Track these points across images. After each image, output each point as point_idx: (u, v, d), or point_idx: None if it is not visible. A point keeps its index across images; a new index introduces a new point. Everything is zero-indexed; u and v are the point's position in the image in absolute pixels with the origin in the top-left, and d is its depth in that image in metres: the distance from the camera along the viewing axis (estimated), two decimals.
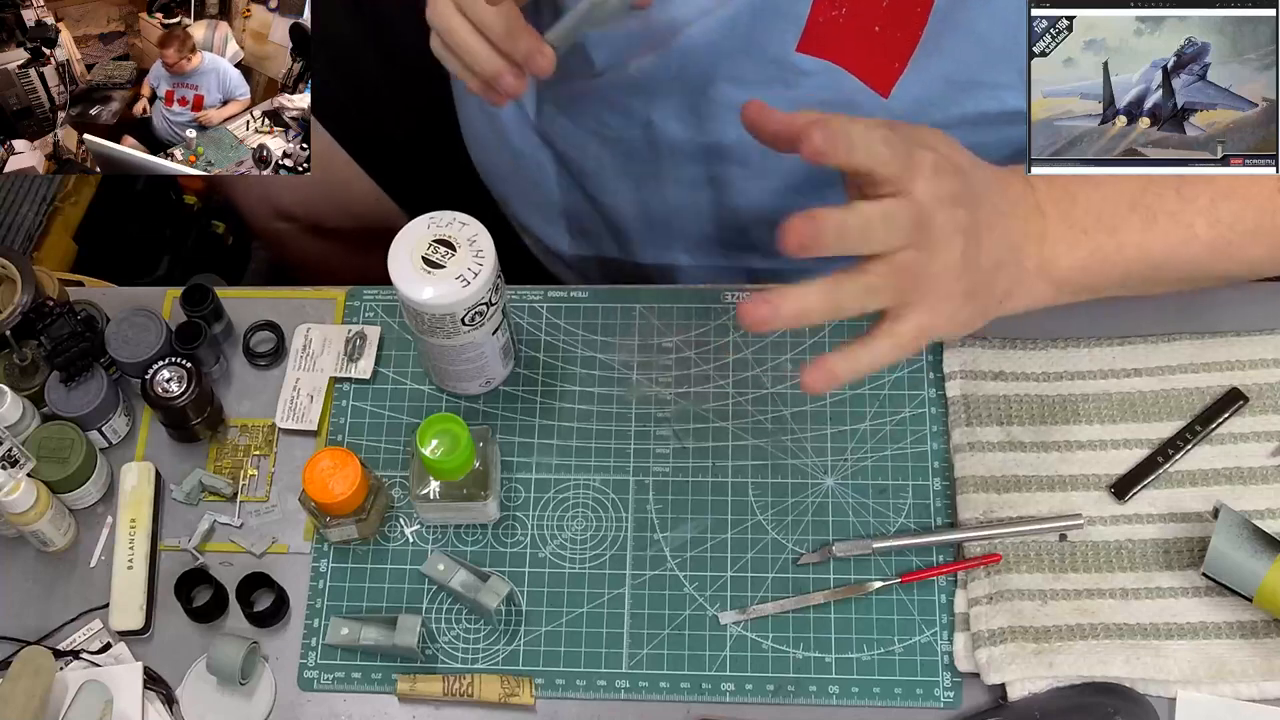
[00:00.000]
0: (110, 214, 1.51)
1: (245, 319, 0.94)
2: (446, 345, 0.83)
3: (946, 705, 0.80)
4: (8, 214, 1.41)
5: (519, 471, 0.88)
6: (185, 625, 0.84)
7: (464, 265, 0.79)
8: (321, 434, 0.90)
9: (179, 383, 0.86)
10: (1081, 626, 0.79)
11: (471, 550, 0.86)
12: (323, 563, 0.86)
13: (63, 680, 0.80)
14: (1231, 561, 0.76)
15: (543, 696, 0.81)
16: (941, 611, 0.82)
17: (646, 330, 0.92)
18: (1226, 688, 0.77)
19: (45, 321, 0.86)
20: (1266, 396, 0.85)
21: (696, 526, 0.86)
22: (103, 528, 0.88)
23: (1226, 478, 0.83)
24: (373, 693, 0.82)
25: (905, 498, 0.85)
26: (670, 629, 0.83)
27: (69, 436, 0.86)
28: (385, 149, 1.17)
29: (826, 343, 0.90)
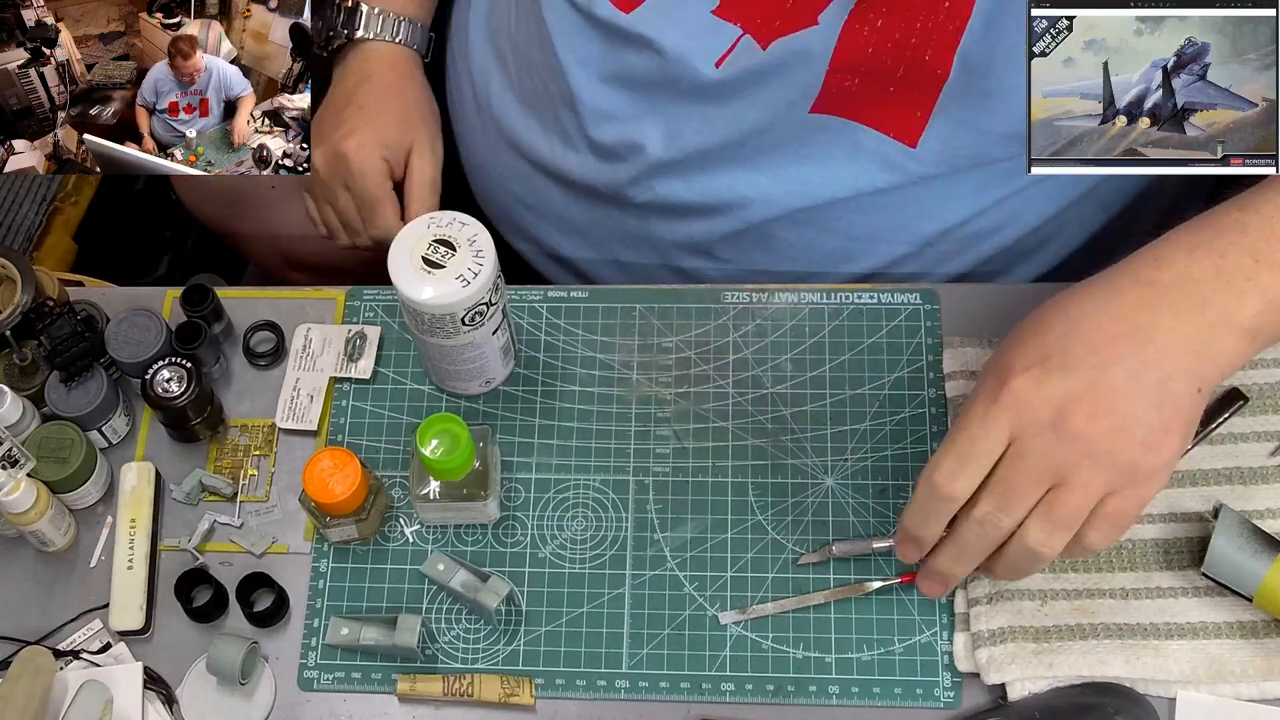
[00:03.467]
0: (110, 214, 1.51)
1: (245, 319, 0.94)
2: (446, 345, 0.83)
3: (946, 705, 0.79)
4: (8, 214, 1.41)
5: (519, 471, 0.88)
6: (185, 625, 0.84)
7: (464, 265, 0.79)
8: (321, 434, 0.90)
9: (179, 383, 0.86)
10: (1081, 626, 0.79)
11: (471, 550, 0.86)
12: (323, 563, 0.86)
13: (63, 680, 0.80)
14: (1232, 562, 0.76)
15: (543, 696, 0.81)
16: (941, 611, 0.82)
17: (646, 330, 0.92)
18: (1226, 688, 0.77)
19: (45, 321, 0.86)
20: (1266, 396, 0.85)
21: (696, 526, 0.86)
22: (103, 528, 0.88)
23: (1226, 478, 0.83)
24: (373, 693, 0.82)
25: (905, 498, 0.85)
26: (670, 629, 0.83)
27: (69, 436, 0.86)
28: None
29: (827, 342, 0.90)
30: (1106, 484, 0.69)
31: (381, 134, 0.96)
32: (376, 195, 0.98)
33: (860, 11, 0.80)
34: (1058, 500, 0.69)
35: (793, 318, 0.91)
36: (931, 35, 0.79)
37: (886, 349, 0.90)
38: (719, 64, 0.85)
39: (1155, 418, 0.68)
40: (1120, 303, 0.70)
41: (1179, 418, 0.69)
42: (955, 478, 0.70)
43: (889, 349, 0.90)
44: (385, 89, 0.99)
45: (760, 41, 0.84)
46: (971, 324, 0.90)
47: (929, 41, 0.79)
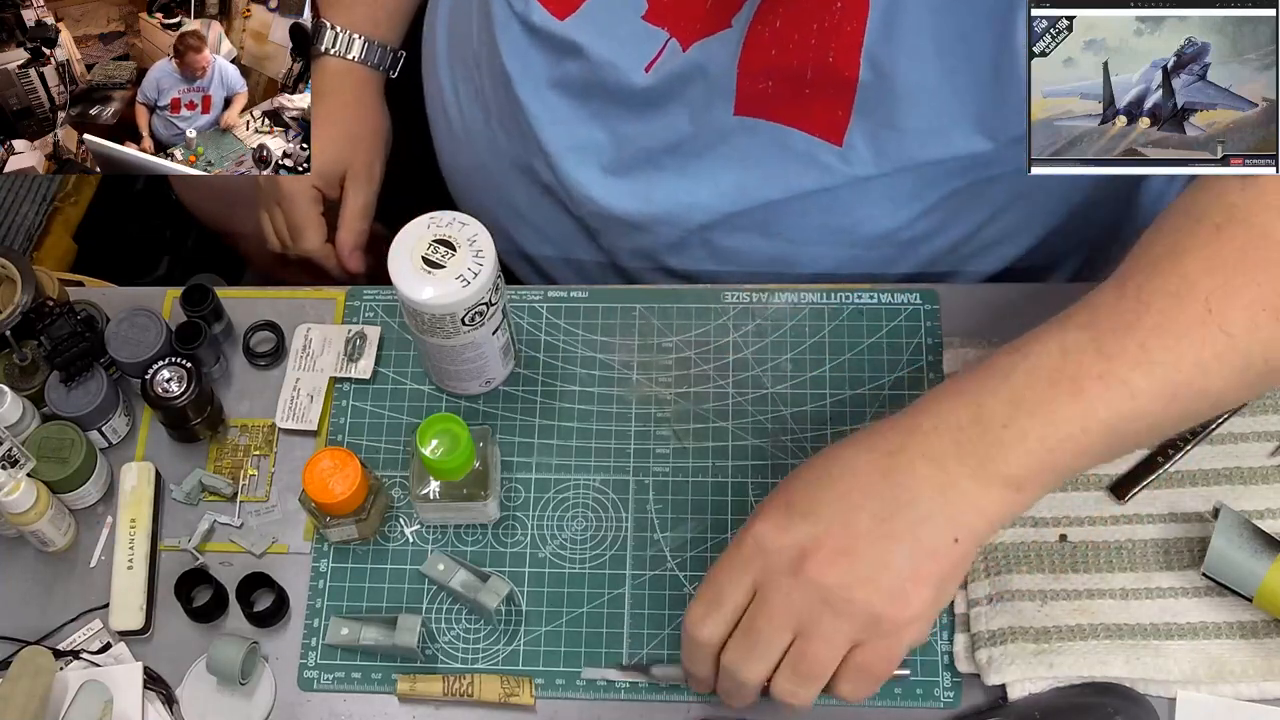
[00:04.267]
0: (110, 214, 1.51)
1: (245, 319, 0.94)
2: (446, 345, 0.83)
3: (946, 705, 0.79)
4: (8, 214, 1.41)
5: (519, 471, 0.88)
6: (185, 625, 0.84)
7: (464, 265, 0.79)
8: (321, 434, 0.90)
9: (179, 383, 0.86)
10: (1081, 627, 0.79)
11: (471, 550, 0.86)
12: (323, 563, 0.86)
13: (63, 680, 0.80)
14: (1231, 562, 0.76)
15: (543, 696, 0.81)
16: (942, 612, 0.82)
17: (646, 330, 0.92)
18: (1226, 688, 0.77)
19: (45, 321, 0.86)
20: (1266, 396, 0.85)
21: (696, 526, 0.86)
22: (103, 528, 0.88)
23: (1226, 478, 0.83)
24: (373, 693, 0.82)
25: None
26: (670, 629, 0.83)
27: (69, 436, 0.86)
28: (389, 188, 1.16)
29: (827, 342, 0.90)
30: (851, 634, 0.66)
31: (317, 159, 0.93)
32: (298, 222, 1.03)
33: (761, 14, 0.81)
34: (802, 651, 0.67)
35: (793, 318, 0.91)
36: (830, 36, 0.79)
37: (886, 349, 0.90)
38: (648, 69, 0.86)
39: (905, 566, 0.66)
40: (877, 450, 0.68)
41: (933, 568, 0.66)
42: (702, 624, 0.69)
43: (889, 349, 0.90)
44: (335, 108, 1.02)
45: (683, 44, 0.85)
46: (971, 324, 0.90)
47: (829, 43, 0.79)
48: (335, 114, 1.02)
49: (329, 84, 1.03)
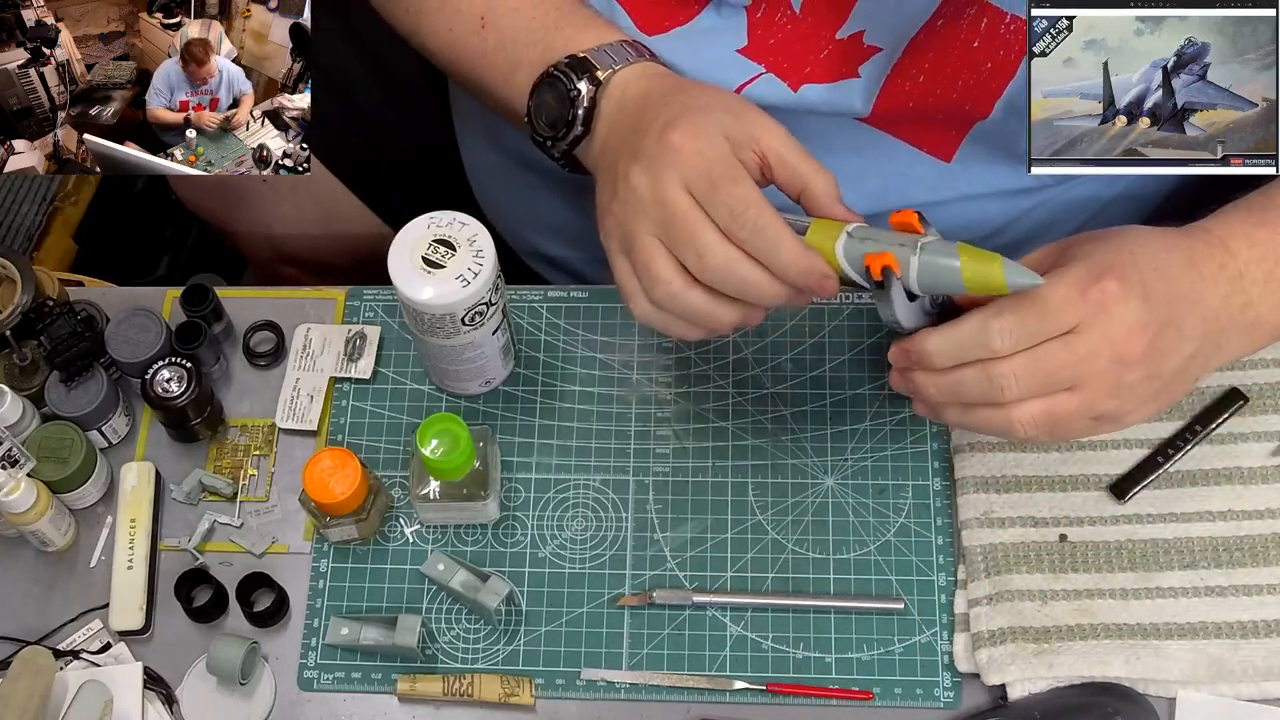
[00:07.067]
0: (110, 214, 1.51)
1: (245, 319, 0.94)
2: (446, 345, 0.83)
3: (946, 705, 0.80)
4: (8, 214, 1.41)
5: (519, 471, 0.88)
6: (185, 625, 0.84)
7: (464, 265, 0.79)
8: (321, 434, 0.90)
9: (179, 383, 0.86)
10: (1081, 627, 0.79)
11: (471, 550, 0.86)
12: (323, 563, 0.86)
13: (63, 680, 0.80)
14: (930, 273, 0.68)
15: (543, 696, 0.81)
16: (941, 612, 0.82)
17: (646, 330, 0.92)
18: (1226, 688, 0.77)
19: (45, 321, 0.86)
20: (1266, 396, 0.85)
21: (696, 526, 0.86)
22: (103, 528, 0.88)
23: (1226, 478, 0.83)
24: (373, 693, 0.82)
25: (905, 498, 0.85)
26: (670, 629, 0.83)
27: (69, 436, 0.86)
28: (389, 186, 1.16)
29: (827, 342, 0.90)
30: (1105, 413, 0.70)
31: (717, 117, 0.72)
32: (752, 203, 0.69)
33: (901, 69, 0.80)
34: (1063, 403, 0.69)
35: (793, 318, 0.91)
36: (972, 90, 0.79)
37: (887, 349, 0.90)
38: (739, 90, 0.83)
39: (1179, 390, 0.72)
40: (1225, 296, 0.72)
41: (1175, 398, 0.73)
42: (1007, 336, 0.68)
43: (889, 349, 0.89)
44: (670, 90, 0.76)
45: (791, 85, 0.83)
46: None
47: (970, 95, 0.80)
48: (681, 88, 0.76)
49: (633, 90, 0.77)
